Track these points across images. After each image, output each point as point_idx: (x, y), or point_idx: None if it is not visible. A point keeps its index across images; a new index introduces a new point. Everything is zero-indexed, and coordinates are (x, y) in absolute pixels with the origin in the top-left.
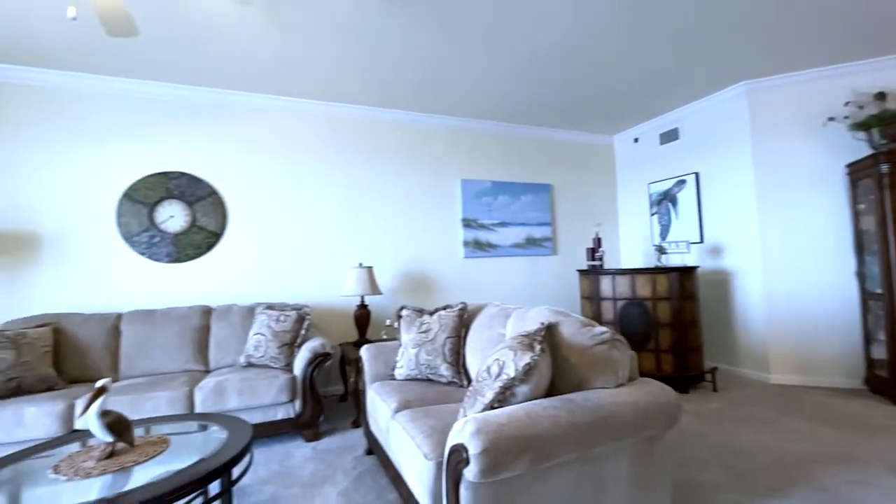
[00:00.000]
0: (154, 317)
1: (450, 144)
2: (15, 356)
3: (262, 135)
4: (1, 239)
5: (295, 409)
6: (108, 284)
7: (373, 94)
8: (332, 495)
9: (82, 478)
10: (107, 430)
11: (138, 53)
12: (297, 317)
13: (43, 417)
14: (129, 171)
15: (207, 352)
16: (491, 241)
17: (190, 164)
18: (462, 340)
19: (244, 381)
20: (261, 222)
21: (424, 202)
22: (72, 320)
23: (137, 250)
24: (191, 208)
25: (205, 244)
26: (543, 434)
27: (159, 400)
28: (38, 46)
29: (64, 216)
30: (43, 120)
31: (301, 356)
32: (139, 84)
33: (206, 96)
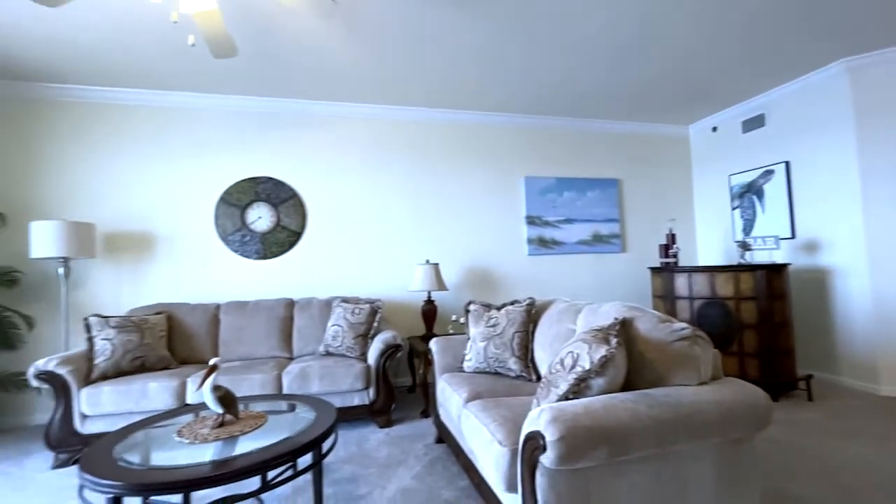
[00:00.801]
0: (246, 308)
1: (513, 142)
2: (139, 338)
3: (337, 140)
4: (127, 239)
5: (369, 397)
6: (208, 278)
7: (437, 97)
8: (407, 478)
9: (201, 442)
10: (218, 403)
11: (233, 73)
12: (370, 310)
13: (162, 392)
14: (225, 178)
15: (291, 340)
16: (556, 238)
17: (275, 169)
18: (530, 335)
19: (324, 368)
20: (336, 222)
21: (488, 200)
22: (181, 309)
23: (232, 248)
24: (275, 210)
25: (287, 242)
26: (621, 426)
27: (253, 381)
28: (155, 72)
29: (174, 219)
30: (158, 136)
31: (374, 347)
32: (233, 99)
33: (289, 107)
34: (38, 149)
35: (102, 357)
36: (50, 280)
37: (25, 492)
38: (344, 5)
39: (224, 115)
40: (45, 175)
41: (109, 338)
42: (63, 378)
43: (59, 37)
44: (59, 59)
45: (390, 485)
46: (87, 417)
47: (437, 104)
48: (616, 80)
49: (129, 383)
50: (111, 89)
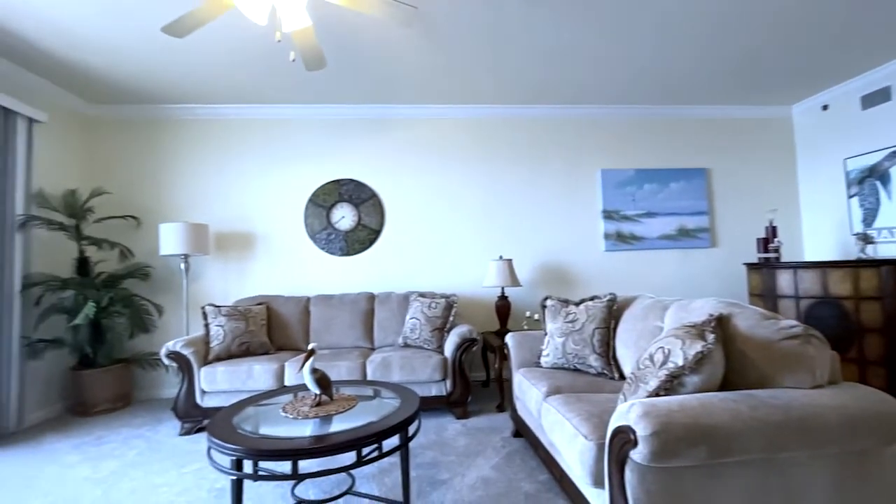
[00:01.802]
0: (332, 301)
1: (588, 134)
2: (245, 326)
3: (413, 140)
4: (233, 238)
5: (446, 388)
6: (299, 273)
7: (508, 93)
8: (486, 468)
9: (302, 418)
10: (316, 384)
11: (319, 84)
12: (445, 304)
13: (264, 374)
14: (313, 181)
15: (373, 331)
16: (635, 232)
17: (356, 171)
18: (611, 332)
19: (404, 359)
20: (412, 219)
21: (562, 195)
22: (277, 301)
23: (319, 245)
24: (357, 209)
25: (368, 240)
26: (721, 426)
27: (341, 368)
28: (254, 89)
29: (270, 219)
30: (257, 146)
31: (450, 340)
32: (319, 109)
33: (369, 112)
34: (164, 162)
35: (216, 341)
36: (174, 274)
37: (160, 453)
38: (422, 11)
39: (311, 124)
40: (170, 184)
41: (221, 325)
42: (187, 358)
43: (178, 63)
44: (177, 82)
45: (470, 473)
46: (205, 393)
47: (509, 100)
48: (706, 59)
49: (238, 365)
50: (219, 106)
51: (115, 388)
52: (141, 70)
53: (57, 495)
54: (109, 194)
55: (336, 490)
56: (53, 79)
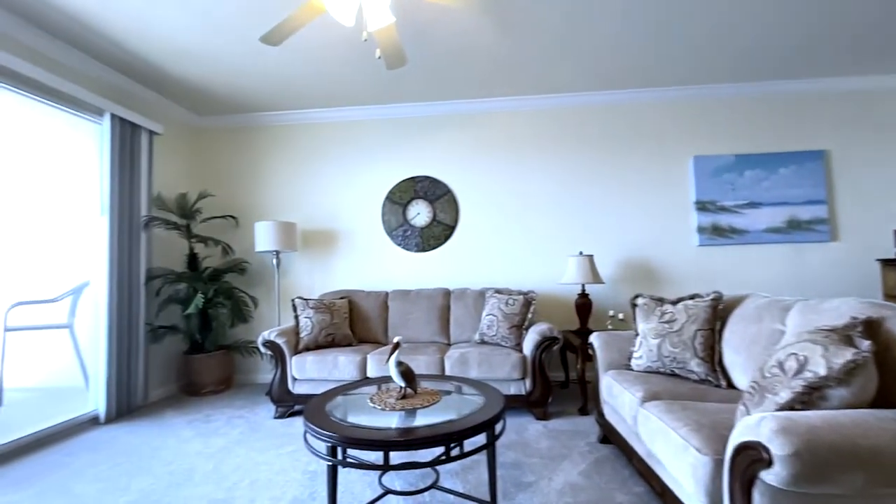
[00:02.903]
0: (409, 296)
1: (678, 119)
2: (330, 319)
3: (487, 135)
4: (317, 235)
5: (525, 387)
6: (378, 268)
7: (587, 80)
8: (573, 473)
9: (389, 410)
10: (401, 377)
11: (395, 85)
12: (523, 301)
13: (349, 364)
14: (390, 179)
15: (448, 327)
16: (735, 225)
17: (431, 168)
18: (716, 334)
19: (482, 355)
20: (487, 215)
21: (648, 186)
22: (358, 295)
23: (395, 242)
24: (432, 206)
25: (442, 236)
26: (885, 449)
27: (420, 362)
28: (336, 93)
29: (351, 217)
30: (339, 146)
31: (529, 338)
32: (395, 108)
33: (443, 109)
34: (258, 165)
35: (305, 332)
36: (267, 268)
37: (259, 433)
38: None
39: (388, 123)
40: (264, 185)
41: (309, 317)
42: (280, 347)
43: (270, 74)
44: (269, 91)
45: (556, 477)
46: (296, 380)
47: (589, 87)
48: (830, 20)
49: (325, 355)
50: (304, 111)
51: (220, 372)
52: (238, 82)
53: (177, 465)
54: (213, 196)
55: (420, 483)
56: (167, 94)
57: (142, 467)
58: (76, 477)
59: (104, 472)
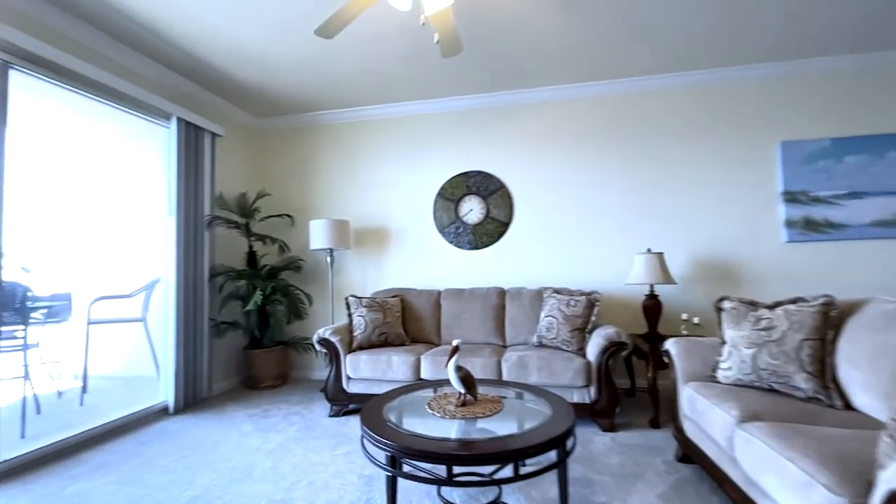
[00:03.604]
0: (463, 295)
1: (760, 100)
2: (383, 317)
3: (541, 126)
4: (369, 233)
5: (590, 395)
6: (430, 266)
7: (657, 60)
8: (650, 496)
9: (449, 418)
10: (460, 382)
11: (447, 77)
12: (586, 302)
13: (402, 365)
14: (441, 175)
15: (504, 328)
16: (831, 218)
17: (484, 162)
18: (828, 345)
19: (542, 360)
20: (543, 211)
21: (727, 176)
22: (410, 294)
23: (447, 239)
24: (485, 202)
25: (496, 233)
26: None
27: (475, 365)
28: (388, 89)
29: (402, 214)
30: (390, 143)
31: (594, 342)
32: (446, 102)
33: (497, 100)
34: (312, 164)
35: (359, 330)
36: (321, 266)
37: (315, 432)
38: None
39: (438, 118)
40: (317, 184)
41: (363, 315)
42: (335, 345)
43: (323, 73)
44: (322, 91)
45: (632, 499)
46: (350, 379)
47: (659, 69)
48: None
49: (378, 355)
50: (356, 109)
51: (277, 368)
52: (295, 83)
53: (237, 461)
54: (270, 196)
55: (482, 497)
56: (228, 98)
57: (205, 461)
58: (147, 467)
59: (172, 464)
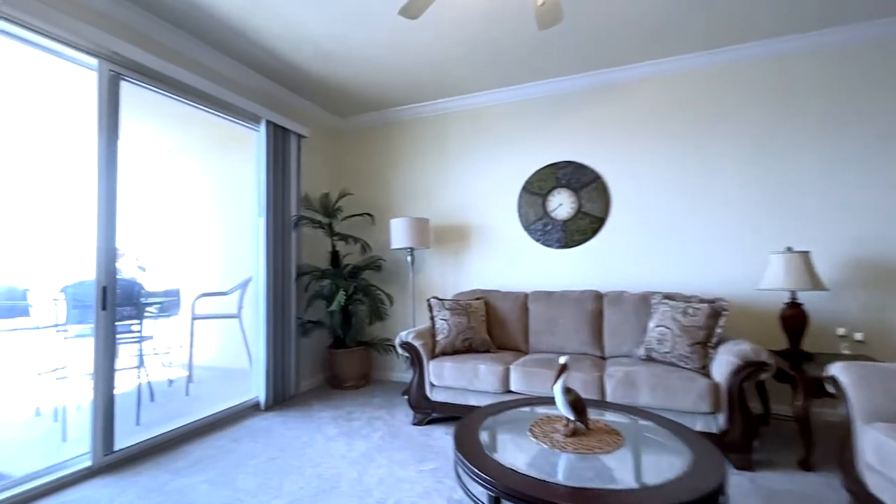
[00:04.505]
0: (553, 298)
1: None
2: (467, 321)
3: (641, 109)
4: (449, 231)
5: (718, 424)
6: (514, 266)
7: (796, 16)
8: None
9: (557, 449)
10: (569, 408)
11: (531, 59)
12: (709, 311)
13: (489, 375)
14: (526, 167)
15: (601, 337)
16: None
17: (574, 152)
18: None
19: (655, 377)
20: (646, 203)
21: (887, 153)
22: (494, 296)
23: (534, 237)
24: (577, 195)
25: (590, 229)
26: None
27: (574, 380)
28: (466, 79)
29: (484, 211)
30: (469, 136)
31: (722, 360)
32: (529, 88)
33: (588, 81)
34: (392, 162)
35: (442, 335)
36: (401, 266)
37: (398, 440)
38: None
39: (523, 106)
40: (397, 181)
41: (446, 318)
42: (418, 350)
43: (404, 65)
44: (402, 85)
45: None
46: (434, 387)
47: (801, 26)
48: None
49: (463, 362)
50: (436, 102)
51: (359, 368)
52: (375, 79)
53: (323, 468)
54: (352, 195)
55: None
56: (310, 97)
57: (292, 466)
58: (240, 467)
59: (261, 466)
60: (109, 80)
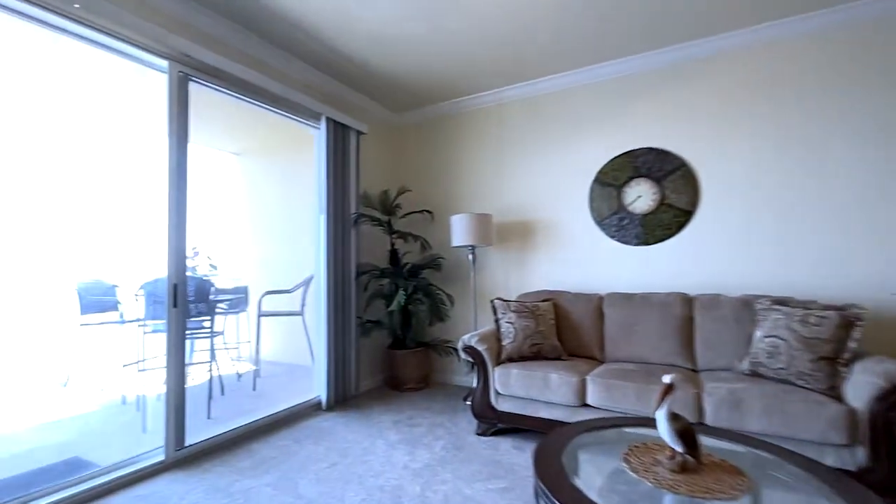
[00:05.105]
0: (633, 301)
1: None
2: (535, 325)
3: (736, 84)
4: (512, 228)
5: (856, 460)
6: (585, 266)
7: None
8: None
9: (665, 488)
10: (677, 438)
11: (606, 33)
12: (839, 320)
13: (563, 386)
14: (598, 156)
15: (693, 347)
16: None
17: (654, 137)
18: None
19: (769, 398)
20: (742, 191)
21: None
22: (564, 297)
23: (608, 233)
24: (658, 185)
25: (674, 223)
26: None
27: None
28: (525, 63)
29: (550, 206)
30: (532, 125)
31: (861, 381)
32: (598, 69)
33: (664, 58)
34: (451, 156)
35: (508, 339)
36: (461, 265)
37: (463, 452)
38: None
39: (594, 90)
40: (456, 176)
41: (511, 321)
42: (482, 355)
43: (459, 52)
44: (458, 73)
45: None
46: (499, 395)
47: None
48: None
49: (532, 370)
50: (495, 91)
51: (419, 370)
52: (432, 68)
53: (385, 479)
54: (410, 192)
55: None
56: (368, 93)
57: (354, 474)
58: (302, 471)
59: (323, 472)
60: (179, 82)
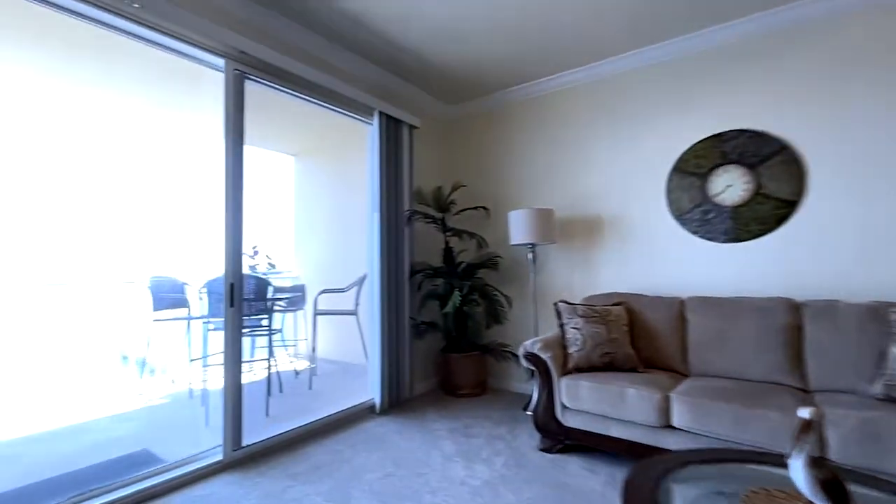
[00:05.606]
0: (722, 307)
1: None
2: (606, 332)
3: (852, 51)
4: (577, 224)
5: None
6: (661, 265)
7: None
8: None
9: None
10: (821, 492)
11: (681, 4)
12: None
13: (642, 402)
14: (677, 142)
15: (802, 362)
16: None
17: (748, 117)
18: None
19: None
20: (862, 178)
21: None
22: (638, 301)
23: (689, 229)
24: (753, 172)
25: (773, 217)
26: None
27: (758, 426)
28: (587, 44)
29: (620, 199)
30: (598, 111)
31: None
32: (673, 45)
33: (753, 27)
34: (507, 148)
35: (575, 347)
36: (519, 264)
37: (525, 471)
38: None
39: (670, 68)
40: (513, 170)
41: (578, 327)
42: (546, 363)
43: (516, 36)
44: (516, 58)
45: None
46: (566, 409)
47: None
48: None
49: (605, 382)
50: (556, 76)
51: (475, 375)
52: (487, 56)
53: (441, 497)
54: (465, 187)
55: None
56: (420, 84)
57: (408, 488)
58: (355, 480)
59: (377, 484)
60: (235, 80)
